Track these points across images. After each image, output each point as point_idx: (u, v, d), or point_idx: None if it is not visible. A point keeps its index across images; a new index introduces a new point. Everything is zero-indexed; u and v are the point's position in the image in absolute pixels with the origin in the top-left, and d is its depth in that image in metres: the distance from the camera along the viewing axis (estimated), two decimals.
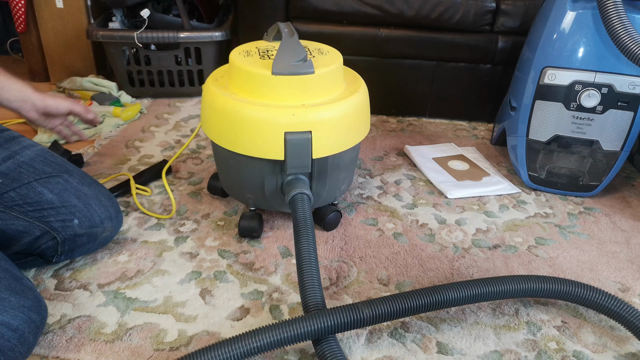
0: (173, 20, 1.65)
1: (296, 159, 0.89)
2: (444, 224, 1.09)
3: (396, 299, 0.74)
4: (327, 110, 0.90)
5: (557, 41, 1.11)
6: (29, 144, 0.89)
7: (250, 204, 1.01)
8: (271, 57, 0.94)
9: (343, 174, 1.01)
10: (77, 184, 0.87)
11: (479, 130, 1.56)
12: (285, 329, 0.69)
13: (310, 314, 0.71)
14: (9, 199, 0.81)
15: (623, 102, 1.10)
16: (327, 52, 1.00)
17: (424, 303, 0.75)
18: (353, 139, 0.96)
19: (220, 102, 0.91)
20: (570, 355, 0.78)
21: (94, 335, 0.78)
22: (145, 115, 1.55)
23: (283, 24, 0.97)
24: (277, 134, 0.87)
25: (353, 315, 0.72)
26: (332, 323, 0.70)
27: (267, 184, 0.95)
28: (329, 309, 0.72)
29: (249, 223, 0.99)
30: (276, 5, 1.49)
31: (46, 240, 0.84)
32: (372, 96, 1.58)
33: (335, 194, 1.03)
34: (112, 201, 0.92)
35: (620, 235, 1.09)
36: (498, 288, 0.78)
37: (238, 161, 0.94)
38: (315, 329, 0.70)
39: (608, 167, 1.17)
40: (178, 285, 0.88)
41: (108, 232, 0.91)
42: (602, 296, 0.79)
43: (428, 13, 1.44)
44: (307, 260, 0.79)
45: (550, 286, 0.80)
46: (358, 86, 0.98)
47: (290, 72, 0.88)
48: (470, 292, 0.77)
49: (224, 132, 0.92)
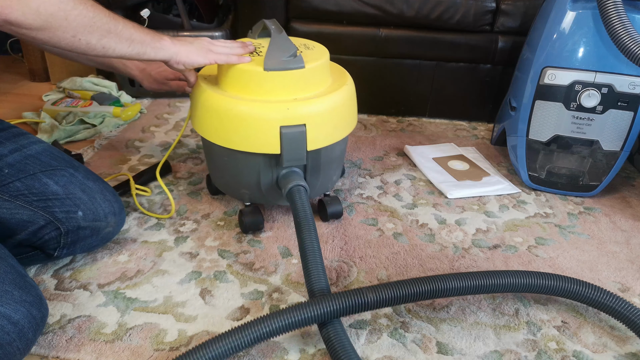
0: (173, 20, 1.65)
1: (292, 152, 0.91)
2: (444, 224, 1.09)
3: (400, 285, 0.76)
4: (320, 103, 0.92)
5: (557, 41, 1.11)
6: (36, 140, 0.91)
7: (245, 199, 1.02)
8: (260, 53, 0.95)
9: (334, 165, 1.04)
10: (83, 178, 0.88)
11: (479, 130, 1.56)
12: (293, 313, 0.71)
13: (316, 299, 0.73)
14: (14, 188, 0.82)
15: (623, 102, 1.10)
16: (313, 47, 1.02)
17: (426, 290, 0.76)
18: (344, 130, 0.99)
19: (214, 100, 0.92)
20: (570, 355, 0.78)
21: (94, 335, 0.78)
22: (145, 115, 1.55)
23: (269, 20, 0.98)
24: (272, 129, 0.89)
25: (358, 299, 0.73)
26: (337, 307, 0.72)
27: (263, 178, 0.96)
28: (333, 294, 0.74)
29: (252, 218, 1.01)
30: (276, 5, 1.49)
31: (50, 231, 0.84)
32: (372, 96, 1.59)
33: (328, 185, 1.06)
34: (116, 197, 0.93)
35: (620, 235, 1.09)
36: (501, 281, 0.79)
37: (233, 158, 0.95)
38: (321, 312, 0.72)
39: (608, 167, 1.17)
40: (178, 285, 0.88)
41: (111, 228, 0.92)
42: (603, 294, 0.80)
43: (428, 13, 1.44)
44: (310, 248, 0.81)
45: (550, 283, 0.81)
46: (345, 79, 1.01)
47: (282, 68, 0.90)
48: (474, 283, 0.78)
49: (218, 130, 0.93)
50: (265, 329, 0.69)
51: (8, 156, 0.84)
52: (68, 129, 1.39)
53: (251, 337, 0.69)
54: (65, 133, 1.37)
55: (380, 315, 0.84)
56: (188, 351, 0.67)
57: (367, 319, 0.83)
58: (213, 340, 0.68)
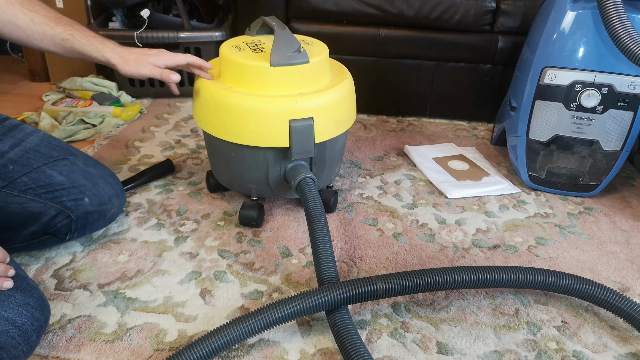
0: (173, 20, 1.65)
1: (301, 145, 0.93)
2: (444, 224, 1.09)
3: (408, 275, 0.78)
4: (325, 96, 0.95)
5: (557, 41, 1.11)
6: (31, 131, 0.92)
7: (253, 194, 1.04)
8: (263, 50, 0.98)
9: (337, 157, 1.07)
10: (83, 165, 0.92)
11: (479, 130, 1.56)
12: (304, 300, 0.73)
13: (326, 286, 0.76)
14: (22, 183, 0.85)
15: (623, 102, 1.10)
16: (312, 43, 1.04)
17: (435, 281, 0.78)
18: (347, 122, 1.02)
19: (220, 96, 0.94)
20: (570, 355, 0.78)
21: (94, 335, 0.78)
22: (145, 115, 1.55)
23: (269, 17, 1.00)
24: (281, 122, 0.91)
25: (367, 287, 0.76)
26: (346, 294, 0.75)
27: (271, 172, 0.98)
28: (343, 282, 0.77)
29: (248, 212, 1.02)
30: (276, 5, 1.48)
31: (61, 219, 0.88)
32: (372, 96, 1.59)
33: (331, 176, 1.09)
34: (116, 180, 0.97)
35: (620, 235, 1.09)
36: (509, 276, 0.81)
37: (241, 153, 0.97)
38: (330, 300, 0.74)
39: (608, 167, 1.17)
40: (178, 285, 0.88)
41: (115, 209, 0.97)
42: (604, 291, 0.80)
43: (428, 13, 1.44)
44: (320, 238, 0.84)
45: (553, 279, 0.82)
46: (345, 73, 1.04)
47: (288, 63, 0.92)
48: (481, 277, 0.80)
49: (226, 125, 0.94)
50: (279, 314, 0.72)
51: (9, 152, 0.86)
52: (68, 129, 1.39)
53: (263, 322, 0.71)
54: (65, 133, 1.37)
55: (380, 315, 0.84)
56: (206, 334, 0.69)
57: (367, 319, 0.83)
58: (227, 325, 0.70)
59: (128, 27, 1.68)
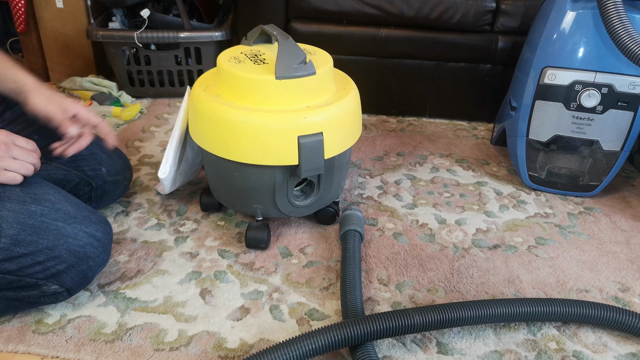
0: (173, 20, 1.65)
1: (310, 162, 0.88)
2: (444, 224, 1.09)
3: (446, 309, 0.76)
4: (334, 109, 0.89)
5: (557, 41, 1.11)
6: None
7: (258, 214, 0.97)
8: (264, 61, 0.91)
9: (344, 172, 1.02)
10: (97, 140, 0.97)
11: (479, 130, 1.56)
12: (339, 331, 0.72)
13: (366, 317, 0.74)
14: (46, 152, 0.89)
15: (623, 102, 1.10)
16: (315, 53, 0.98)
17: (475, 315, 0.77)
18: (355, 135, 0.97)
19: (223, 112, 0.87)
20: (570, 355, 0.78)
21: (94, 335, 0.78)
22: (145, 115, 1.55)
23: (268, 26, 0.94)
24: (290, 139, 0.85)
25: (404, 320, 0.74)
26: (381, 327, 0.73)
27: (278, 191, 0.93)
28: (380, 314, 0.75)
29: (256, 234, 0.97)
30: (276, 5, 1.49)
31: (83, 186, 0.97)
32: (372, 96, 1.59)
33: (338, 191, 1.04)
34: (124, 155, 1.07)
35: (620, 235, 1.09)
36: (547, 309, 0.79)
37: (245, 172, 0.91)
38: (366, 332, 0.72)
39: (608, 167, 1.17)
40: (178, 285, 0.88)
41: (127, 182, 1.06)
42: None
43: (428, 13, 1.44)
44: (351, 283, 0.84)
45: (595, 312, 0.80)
46: (349, 83, 0.98)
47: (294, 75, 0.86)
48: (526, 310, 0.78)
49: (228, 143, 0.88)
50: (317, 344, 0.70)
51: (33, 124, 0.92)
52: None
53: (301, 352, 0.69)
54: None
55: None
56: None
57: None
58: None
59: (128, 27, 1.68)
